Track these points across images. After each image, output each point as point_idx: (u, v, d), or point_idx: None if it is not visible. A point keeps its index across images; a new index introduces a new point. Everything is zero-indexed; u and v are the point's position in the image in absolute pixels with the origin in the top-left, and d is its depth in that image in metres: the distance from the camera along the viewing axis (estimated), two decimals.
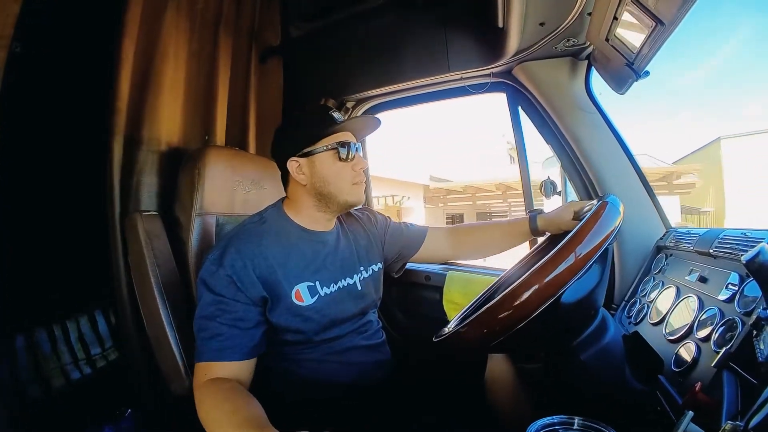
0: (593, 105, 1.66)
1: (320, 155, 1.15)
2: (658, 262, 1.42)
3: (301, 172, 1.16)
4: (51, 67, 1.54)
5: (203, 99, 1.74)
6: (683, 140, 47.05)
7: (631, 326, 1.27)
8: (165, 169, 1.50)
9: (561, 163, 1.78)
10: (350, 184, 1.18)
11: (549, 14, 1.38)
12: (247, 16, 1.98)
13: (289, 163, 1.16)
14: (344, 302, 1.21)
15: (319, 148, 1.15)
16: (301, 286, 1.13)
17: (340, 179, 1.16)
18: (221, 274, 1.04)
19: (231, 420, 0.86)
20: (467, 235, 1.51)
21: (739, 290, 0.90)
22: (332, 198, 1.17)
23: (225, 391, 0.95)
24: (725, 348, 0.79)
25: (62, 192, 1.57)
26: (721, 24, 43.54)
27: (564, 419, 0.75)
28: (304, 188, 1.18)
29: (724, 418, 0.64)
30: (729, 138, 13.51)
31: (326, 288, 1.18)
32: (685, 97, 60.84)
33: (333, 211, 1.22)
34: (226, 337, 1.01)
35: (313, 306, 1.14)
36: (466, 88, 1.94)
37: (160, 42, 1.50)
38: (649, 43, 1.08)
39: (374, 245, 1.39)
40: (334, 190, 1.16)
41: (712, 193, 12.34)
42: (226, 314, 1.03)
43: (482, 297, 1.28)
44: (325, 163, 1.15)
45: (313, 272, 1.17)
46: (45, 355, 1.42)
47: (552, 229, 1.34)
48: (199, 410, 0.93)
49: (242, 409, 0.89)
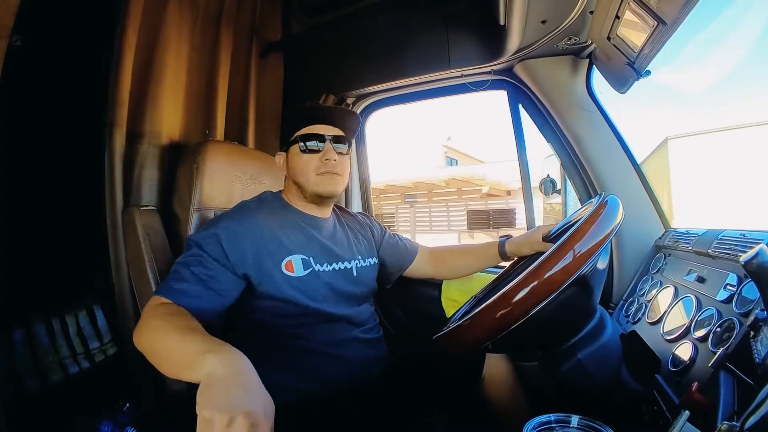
0: (594, 104, 1.66)
1: (292, 148, 1.25)
2: (656, 262, 1.42)
3: (284, 164, 1.27)
4: (52, 60, 1.54)
5: (204, 93, 1.74)
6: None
7: (628, 325, 1.27)
8: (165, 164, 1.50)
9: (561, 162, 1.78)
10: (315, 174, 1.22)
11: (551, 12, 1.37)
12: (249, 11, 1.97)
13: (277, 157, 1.31)
14: (340, 282, 1.23)
15: (291, 141, 1.25)
16: (294, 257, 1.16)
17: (305, 171, 1.22)
18: (210, 233, 1.09)
19: (179, 325, 0.88)
20: (445, 257, 1.59)
21: (737, 291, 0.90)
22: (304, 188, 1.24)
23: (174, 312, 0.96)
24: (722, 348, 0.79)
25: (62, 185, 1.57)
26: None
27: (561, 417, 0.75)
28: (289, 180, 1.28)
29: (720, 419, 0.64)
30: (676, 138, 13.51)
31: (320, 266, 1.20)
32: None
33: (312, 201, 1.27)
34: (190, 284, 1.02)
35: (306, 278, 1.15)
36: (467, 86, 1.94)
37: (162, 35, 1.50)
38: (650, 43, 1.08)
39: (371, 244, 1.42)
40: (302, 180, 1.23)
41: (665, 194, 12.32)
42: (200, 267, 1.04)
43: (480, 294, 1.29)
44: (295, 156, 1.24)
45: (307, 247, 1.20)
46: (43, 349, 1.42)
47: (520, 252, 1.37)
48: (141, 329, 0.94)
49: (191, 321, 0.91)
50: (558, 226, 1.30)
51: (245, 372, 0.72)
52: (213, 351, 0.74)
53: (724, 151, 12.26)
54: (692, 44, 73.21)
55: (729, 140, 12.52)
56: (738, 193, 11.34)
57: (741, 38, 55.88)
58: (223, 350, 0.75)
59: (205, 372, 0.70)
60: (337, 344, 1.20)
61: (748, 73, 72.89)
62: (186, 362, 0.76)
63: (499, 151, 21.61)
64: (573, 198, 1.84)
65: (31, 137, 1.49)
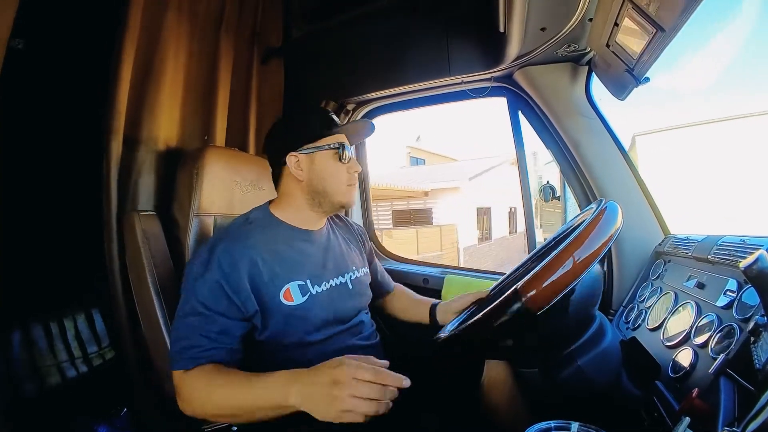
0: (593, 111, 1.66)
1: (320, 153, 1.18)
2: (656, 268, 1.42)
3: (300, 168, 1.18)
4: (51, 65, 1.54)
5: (203, 99, 1.74)
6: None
7: (628, 332, 1.27)
8: (163, 169, 1.50)
9: (560, 168, 1.78)
10: (345, 185, 1.21)
11: (550, 20, 1.38)
12: (249, 17, 1.98)
13: (289, 157, 1.18)
14: (337, 301, 1.20)
15: (320, 146, 1.18)
16: (291, 285, 1.12)
17: (336, 179, 1.19)
18: (209, 279, 1.03)
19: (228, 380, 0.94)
20: (396, 301, 1.56)
21: (737, 297, 0.90)
22: (326, 196, 1.20)
23: (212, 369, 0.97)
24: (723, 354, 0.79)
25: (60, 190, 1.57)
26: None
27: (560, 424, 0.75)
28: (299, 185, 1.20)
29: (720, 425, 0.63)
30: (642, 135, 13.50)
31: (317, 287, 1.17)
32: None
33: (325, 210, 1.24)
34: (204, 349, 0.99)
35: (304, 305, 1.12)
36: (467, 92, 1.95)
37: (161, 41, 1.50)
38: (649, 50, 1.09)
39: (362, 254, 1.43)
40: (329, 188, 1.19)
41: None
42: (207, 325, 1.00)
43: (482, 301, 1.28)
44: (325, 162, 1.18)
45: (302, 271, 1.16)
46: (41, 353, 1.42)
47: (448, 314, 1.35)
48: (195, 399, 0.96)
49: (240, 374, 0.96)
50: (495, 285, 1.31)
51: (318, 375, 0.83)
52: (286, 383, 0.86)
53: (691, 147, 12.30)
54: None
55: (696, 136, 12.59)
56: (706, 189, 11.33)
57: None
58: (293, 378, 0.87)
59: (294, 402, 0.84)
60: (335, 352, 1.19)
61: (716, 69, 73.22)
62: (269, 404, 0.87)
63: (472, 149, 21.94)
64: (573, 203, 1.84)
65: (30, 140, 1.49)
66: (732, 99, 42.98)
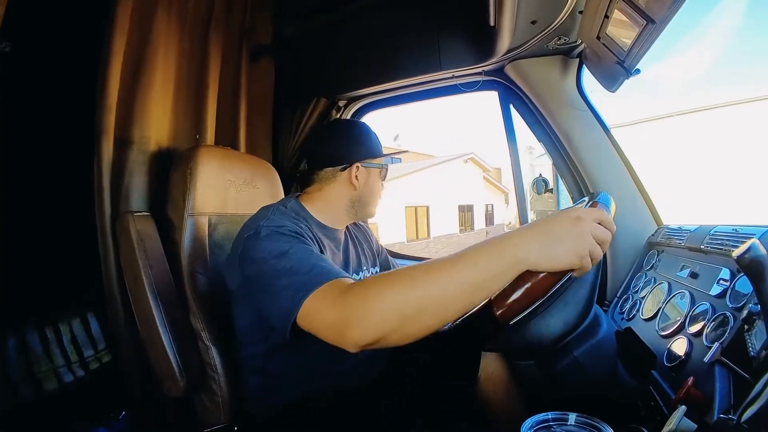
0: (584, 103, 1.67)
1: (375, 170, 1.29)
2: (649, 259, 1.43)
3: (356, 177, 1.24)
4: (40, 66, 1.53)
5: (194, 98, 1.73)
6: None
7: (623, 322, 1.28)
8: (155, 169, 1.49)
9: (552, 161, 1.79)
10: (379, 201, 1.35)
11: (540, 13, 1.38)
12: (239, 15, 1.96)
13: (354, 166, 1.24)
14: None
15: (378, 165, 1.29)
16: None
17: (378, 195, 1.33)
18: (287, 230, 0.98)
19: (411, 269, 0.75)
20: None
21: (730, 286, 0.91)
22: (366, 207, 1.30)
23: (383, 274, 0.82)
24: (717, 343, 0.80)
25: (52, 193, 1.55)
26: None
27: (558, 415, 0.76)
28: (349, 192, 1.26)
29: (716, 413, 0.64)
30: (612, 128, 13.60)
31: None
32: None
33: (357, 217, 1.31)
34: (332, 266, 0.91)
35: None
36: (458, 87, 1.95)
37: (151, 40, 1.49)
38: (640, 42, 1.09)
39: (373, 254, 1.47)
40: (372, 202, 1.31)
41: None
42: (312, 252, 0.94)
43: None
44: (375, 179, 1.30)
45: (333, 262, 1.18)
46: (37, 358, 1.41)
47: None
48: (382, 298, 0.73)
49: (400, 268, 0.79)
50: None
51: (555, 222, 0.71)
52: (520, 239, 0.71)
53: (659, 140, 12.36)
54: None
55: (664, 128, 12.66)
56: (681, 180, 11.39)
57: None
58: (503, 242, 0.72)
59: (520, 257, 0.69)
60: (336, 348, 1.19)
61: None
62: (497, 270, 0.70)
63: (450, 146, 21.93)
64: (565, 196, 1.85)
65: (20, 143, 1.47)
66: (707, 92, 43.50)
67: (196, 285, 1.29)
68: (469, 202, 20.52)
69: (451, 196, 18.92)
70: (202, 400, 1.28)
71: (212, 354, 1.27)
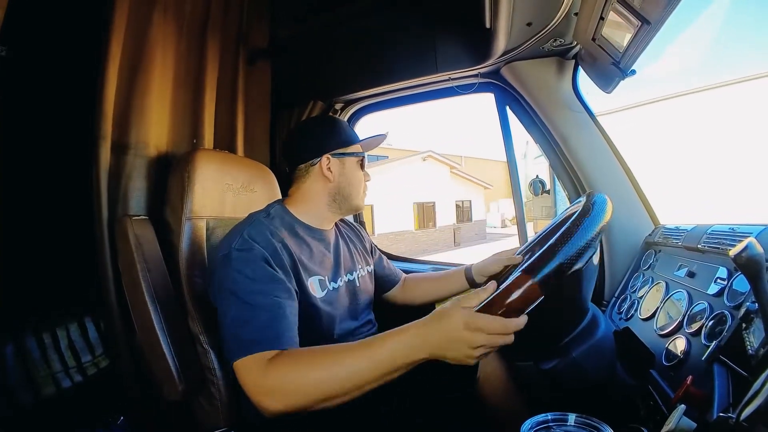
0: (580, 104, 1.67)
1: (350, 159, 1.27)
2: (647, 258, 1.44)
3: (329, 169, 1.23)
4: (37, 71, 1.52)
5: (191, 102, 1.73)
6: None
7: (621, 322, 1.28)
8: (153, 173, 1.48)
9: (549, 162, 1.79)
10: (363, 191, 1.32)
11: (536, 15, 1.39)
12: (235, 18, 1.96)
13: (324, 158, 1.24)
14: (349, 297, 1.25)
15: (350, 153, 1.27)
16: (312, 278, 1.15)
17: (359, 185, 1.30)
18: (257, 255, 1.01)
19: (328, 352, 0.88)
20: (417, 283, 1.59)
21: (727, 284, 0.91)
22: (348, 200, 1.28)
23: (291, 353, 0.92)
24: (715, 341, 0.80)
25: (50, 196, 1.55)
26: None
27: (558, 416, 0.76)
28: (325, 186, 1.25)
29: (715, 411, 0.64)
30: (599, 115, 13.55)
31: (333, 282, 1.21)
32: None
33: (341, 212, 1.30)
34: (279, 323, 0.95)
35: (325, 299, 1.15)
36: (454, 89, 1.95)
37: (147, 45, 1.48)
38: (635, 43, 1.10)
39: (366, 252, 1.46)
40: (353, 192, 1.28)
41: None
42: (268, 297, 0.97)
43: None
44: (352, 168, 1.28)
45: (320, 266, 1.19)
46: (35, 363, 1.40)
47: (489, 270, 1.38)
48: (298, 375, 0.87)
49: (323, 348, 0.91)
50: (523, 248, 1.32)
51: (445, 322, 0.80)
52: (401, 337, 0.83)
53: (635, 129, 12.35)
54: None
55: (646, 115, 12.69)
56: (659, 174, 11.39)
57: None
58: (407, 332, 0.84)
59: (425, 356, 0.82)
60: None
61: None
62: (395, 365, 0.83)
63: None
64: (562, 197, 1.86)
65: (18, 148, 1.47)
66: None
67: (194, 288, 1.29)
68: (429, 199, 20.56)
69: (407, 194, 18.97)
70: (201, 404, 1.27)
71: (211, 358, 1.26)
